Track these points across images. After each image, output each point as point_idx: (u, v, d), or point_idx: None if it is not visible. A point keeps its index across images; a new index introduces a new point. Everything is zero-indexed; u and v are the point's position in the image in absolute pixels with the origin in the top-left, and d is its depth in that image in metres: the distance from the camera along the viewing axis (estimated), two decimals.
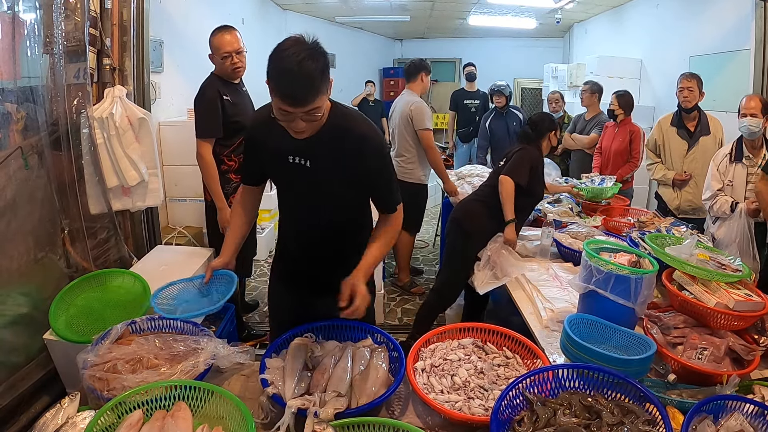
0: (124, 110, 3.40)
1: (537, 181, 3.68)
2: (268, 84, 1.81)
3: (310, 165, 2.07)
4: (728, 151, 3.79)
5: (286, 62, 1.75)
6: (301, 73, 1.75)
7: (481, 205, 3.72)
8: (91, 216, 3.36)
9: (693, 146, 4.44)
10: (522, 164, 3.57)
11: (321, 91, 1.82)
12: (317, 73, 1.77)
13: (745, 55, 5.11)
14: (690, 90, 4.34)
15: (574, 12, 9.29)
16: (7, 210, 2.77)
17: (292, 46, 1.77)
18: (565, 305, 2.77)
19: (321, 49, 1.82)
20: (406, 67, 5.09)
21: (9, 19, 2.81)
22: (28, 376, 2.82)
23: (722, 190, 3.75)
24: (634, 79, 7.64)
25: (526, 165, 3.57)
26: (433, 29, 12.35)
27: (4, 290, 2.83)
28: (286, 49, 1.77)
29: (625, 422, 1.59)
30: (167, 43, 5.12)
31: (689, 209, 4.49)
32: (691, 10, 6.41)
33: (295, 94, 1.79)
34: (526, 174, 3.55)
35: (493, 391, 1.88)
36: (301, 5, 9.51)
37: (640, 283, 2.24)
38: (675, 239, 2.88)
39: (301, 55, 1.75)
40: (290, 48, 1.77)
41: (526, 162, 3.58)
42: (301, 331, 2.20)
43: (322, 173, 2.08)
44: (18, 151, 2.85)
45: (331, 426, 1.61)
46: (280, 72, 1.78)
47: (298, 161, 2.08)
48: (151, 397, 1.68)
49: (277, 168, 2.17)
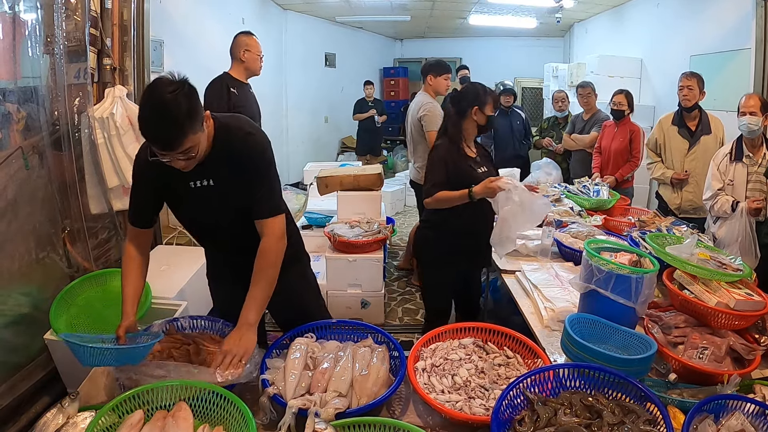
0: (125, 110, 3.40)
1: (460, 172, 3.14)
2: None
3: (213, 183, 2.07)
4: (728, 150, 3.77)
5: (150, 110, 1.76)
6: (165, 120, 1.74)
7: (426, 229, 3.39)
8: (92, 216, 3.37)
9: (694, 145, 4.43)
10: (433, 171, 3.16)
11: (190, 132, 1.79)
12: (182, 116, 1.75)
13: (746, 54, 5.11)
14: (690, 89, 4.33)
15: (574, 11, 9.29)
16: (8, 210, 2.77)
17: (156, 90, 1.75)
18: (565, 305, 2.76)
19: (187, 89, 1.79)
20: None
21: (10, 20, 2.81)
22: (29, 377, 2.83)
23: (723, 189, 3.74)
24: (635, 78, 7.64)
25: (438, 167, 3.13)
26: (433, 29, 12.33)
27: (5, 290, 2.83)
28: (151, 94, 1.76)
29: (626, 422, 1.59)
30: (167, 43, 5.13)
31: (690, 209, 4.49)
32: (691, 10, 6.40)
33: (161, 141, 1.80)
34: (442, 173, 3.10)
35: (493, 391, 1.88)
36: (301, 5, 9.50)
37: (641, 283, 2.23)
38: (676, 239, 2.88)
39: (165, 98, 1.72)
40: (155, 93, 1.75)
41: (437, 165, 3.14)
42: (301, 330, 2.20)
43: (226, 185, 2.08)
44: (19, 151, 2.85)
45: (331, 426, 1.61)
46: (144, 119, 1.77)
47: (201, 183, 2.07)
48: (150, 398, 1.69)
49: (181, 197, 2.13)
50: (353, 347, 2.08)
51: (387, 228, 4.67)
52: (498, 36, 12.45)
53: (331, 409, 1.72)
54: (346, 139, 11.68)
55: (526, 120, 6.93)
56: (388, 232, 4.62)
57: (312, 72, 10.66)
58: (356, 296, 4.41)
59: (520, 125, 6.77)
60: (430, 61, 5.03)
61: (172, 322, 2.25)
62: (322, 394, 1.81)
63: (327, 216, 4.96)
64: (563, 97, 6.75)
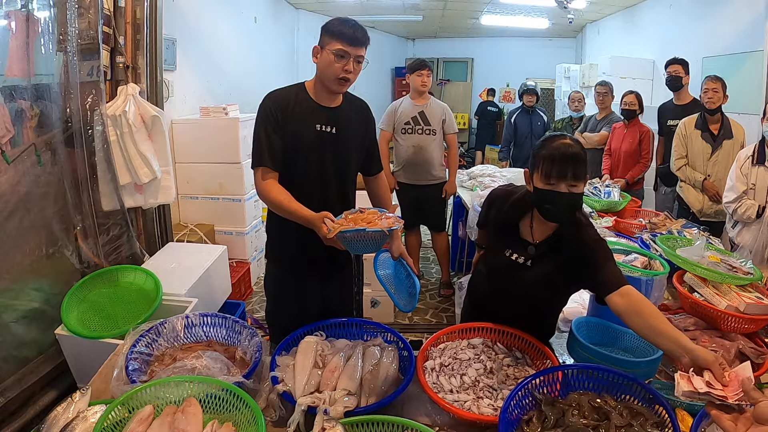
0: (137, 108, 3.41)
1: None
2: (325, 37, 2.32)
3: (336, 132, 2.43)
4: (751, 152, 3.64)
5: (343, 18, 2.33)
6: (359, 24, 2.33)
7: None
8: (104, 212, 3.38)
9: (716, 150, 4.36)
10: None
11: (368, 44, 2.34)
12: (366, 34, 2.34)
13: (759, 56, 5.06)
14: (715, 91, 4.27)
15: (586, 12, 9.25)
16: (20, 206, 2.80)
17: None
18: (575, 306, 2.76)
19: None
20: None
21: (23, 17, 2.84)
22: (37, 370, 2.85)
23: (747, 192, 3.60)
24: (647, 79, 7.58)
25: None
26: (445, 29, 12.32)
27: (16, 285, 2.86)
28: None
29: (634, 424, 1.59)
30: (180, 41, 5.13)
31: (712, 213, 4.41)
32: (704, 11, 6.37)
33: (356, 35, 2.28)
34: None
35: (502, 391, 1.88)
36: (314, 4, 9.51)
37: (651, 285, 2.24)
38: (686, 241, 2.87)
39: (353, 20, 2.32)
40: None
41: None
42: (311, 329, 2.21)
43: (345, 140, 2.46)
44: (32, 147, 2.87)
45: (340, 424, 1.61)
46: (343, 21, 2.31)
47: (325, 129, 2.41)
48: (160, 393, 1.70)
49: (304, 138, 2.39)
50: (363, 346, 2.08)
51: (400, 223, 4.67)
52: (510, 36, 12.45)
53: (340, 407, 1.72)
54: None
55: (548, 123, 7.05)
56: (399, 230, 4.62)
57: None
58: (366, 295, 4.40)
59: (541, 126, 6.90)
60: None
61: None
62: (332, 392, 1.82)
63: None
64: (580, 98, 6.76)
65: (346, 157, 2.51)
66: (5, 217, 2.71)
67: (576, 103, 6.70)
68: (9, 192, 2.74)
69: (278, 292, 2.73)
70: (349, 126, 2.48)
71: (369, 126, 2.64)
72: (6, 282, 2.80)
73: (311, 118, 2.38)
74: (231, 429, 1.61)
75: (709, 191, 4.34)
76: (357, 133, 2.54)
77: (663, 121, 5.19)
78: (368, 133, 2.63)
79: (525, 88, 7.08)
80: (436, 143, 4.91)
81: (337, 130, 2.43)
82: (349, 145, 2.50)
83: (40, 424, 1.72)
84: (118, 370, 1.92)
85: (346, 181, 2.58)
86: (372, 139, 2.68)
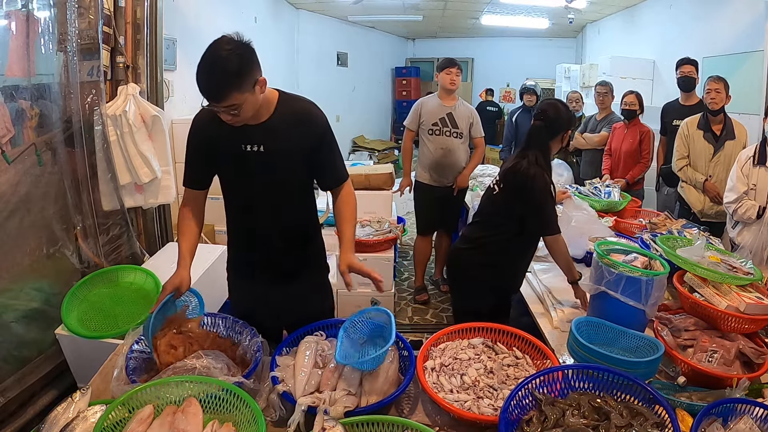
0: (138, 108, 3.42)
1: None
2: None
3: (264, 150, 2.15)
4: (751, 153, 3.60)
5: (204, 61, 1.89)
6: (215, 72, 1.89)
7: (484, 268, 2.96)
8: (104, 212, 3.38)
9: (718, 150, 4.34)
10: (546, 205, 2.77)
11: (236, 89, 1.89)
12: (231, 73, 1.87)
13: (759, 56, 5.06)
14: (717, 92, 4.25)
15: (586, 12, 9.25)
16: (20, 205, 2.80)
17: (214, 45, 1.90)
18: (575, 306, 2.77)
19: (243, 50, 1.91)
20: None
21: (23, 17, 2.84)
22: (37, 370, 2.85)
23: (747, 193, 3.56)
24: (647, 79, 7.57)
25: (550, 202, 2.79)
26: (445, 29, 12.31)
27: (16, 285, 2.86)
28: (210, 48, 1.90)
29: (634, 424, 1.59)
30: (180, 41, 5.12)
31: (713, 213, 4.40)
32: (704, 11, 6.36)
33: (207, 91, 1.92)
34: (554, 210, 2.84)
35: (502, 391, 1.88)
36: (314, 4, 9.50)
37: (651, 285, 2.23)
38: (687, 241, 2.87)
39: (219, 53, 1.87)
40: (212, 47, 1.90)
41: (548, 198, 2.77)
42: (311, 329, 2.21)
43: (276, 157, 2.17)
44: (32, 147, 2.87)
45: (340, 424, 1.61)
46: (198, 68, 1.90)
47: (252, 148, 2.15)
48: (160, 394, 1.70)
49: (231, 158, 2.20)
50: None
51: (398, 227, 4.67)
52: (510, 36, 12.43)
53: (340, 407, 1.72)
54: (357, 139, 11.67)
55: None
56: (398, 231, 4.63)
57: (324, 71, 10.64)
58: (366, 295, 4.40)
59: None
60: None
61: None
62: (332, 392, 1.82)
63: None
64: (578, 98, 6.77)
65: (279, 175, 2.22)
66: (5, 217, 2.71)
67: (574, 104, 6.71)
68: (9, 192, 2.74)
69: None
70: (280, 140, 2.15)
71: (311, 133, 2.21)
72: (6, 282, 2.80)
73: (237, 138, 2.14)
74: (231, 429, 1.62)
75: (710, 192, 4.33)
76: (292, 145, 2.18)
77: (668, 121, 5.16)
78: (310, 141, 2.20)
79: (525, 88, 7.12)
80: (463, 146, 4.85)
81: (265, 147, 2.15)
82: (281, 163, 2.19)
83: (40, 424, 1.72)
84: (118, 370, 1.92)
85: (287, 198, 2.30)
86: (316, 147, 2.23)
